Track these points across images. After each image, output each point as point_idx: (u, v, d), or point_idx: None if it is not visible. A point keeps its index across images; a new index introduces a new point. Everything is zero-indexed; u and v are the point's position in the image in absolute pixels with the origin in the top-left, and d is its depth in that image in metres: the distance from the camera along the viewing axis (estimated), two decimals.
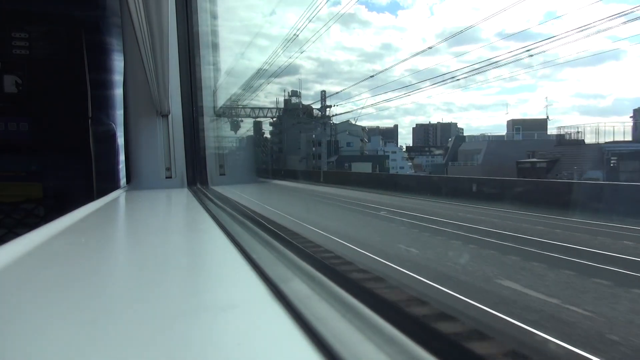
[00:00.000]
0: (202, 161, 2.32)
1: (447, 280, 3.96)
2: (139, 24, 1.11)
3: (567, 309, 3.32)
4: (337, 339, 0.40)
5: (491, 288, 3.86)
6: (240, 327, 0.44)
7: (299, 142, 48.20)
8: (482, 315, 2.96)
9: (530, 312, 3.21)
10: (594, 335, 2.85)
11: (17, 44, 2.12)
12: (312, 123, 43.81)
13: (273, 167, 41.99)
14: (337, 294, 0.53)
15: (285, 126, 46.60)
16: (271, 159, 46.95)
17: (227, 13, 17.32)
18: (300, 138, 46.98)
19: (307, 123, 44.98)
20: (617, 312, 3.32)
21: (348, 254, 4.59)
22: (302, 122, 45.62)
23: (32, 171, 2.19)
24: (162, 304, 0.52)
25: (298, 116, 45.77)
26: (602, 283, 3.95)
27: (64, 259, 0.77)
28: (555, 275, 4.28)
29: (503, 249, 5.23)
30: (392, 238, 6.62)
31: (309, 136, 45.17)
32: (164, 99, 1.94)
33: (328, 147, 39.69)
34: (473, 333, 1.95)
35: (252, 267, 0.65)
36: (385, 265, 4.27)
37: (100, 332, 0.43)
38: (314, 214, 9.42)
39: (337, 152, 42.34)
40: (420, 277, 3.86)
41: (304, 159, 44.90)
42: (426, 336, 0.42)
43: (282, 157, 47.96)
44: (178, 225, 1.31)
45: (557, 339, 2.54)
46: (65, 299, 0.54)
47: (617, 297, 3.72)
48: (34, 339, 0.41)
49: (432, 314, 1.60)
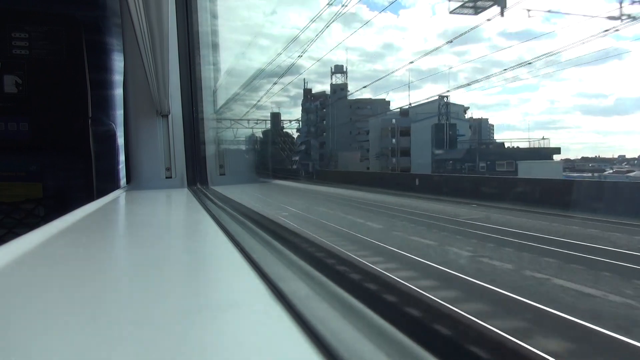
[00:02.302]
0: (202, 161, 2.32)
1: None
2: (139, 24, 1.10)
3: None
4: (337, 339, 0.39)
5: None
6: (240, 327, 0.44)
7: (352, 135, 36.48)
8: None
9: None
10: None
11: (17, 44, 2.11)
12: (390, 111, 30.28)
13: (315, 168, 32.49)
14: (337, 294, 0.53)
15: (332, 112, 34.28)
16: (306, 156, 37.17)
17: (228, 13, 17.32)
18: (371, 125, 34.52)
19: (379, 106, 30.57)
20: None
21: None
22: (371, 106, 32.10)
23: (32, 171, 2.19)
24: (162, 304, 0.52)
25: (345, 98, 33.83)
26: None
27: (64, 259, 0.77)
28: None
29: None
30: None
31: (386, 122, 32.13)
32: (164, 99, 1.94)
33: (437, 135, 25.95)
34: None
35: (252, 267, 0.65)
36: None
37: (100, 332, 0.43)
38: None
39: (453, 145, 27.66)
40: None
41: (382, 156, 31.42)
42: (426, 336, 0.41)
43: (327, 154, 36.62)
44: (178, 225, 1.31)
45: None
46: (65, 299, 0.54)
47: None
48: (34, 339, 0.41)
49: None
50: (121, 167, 2.29)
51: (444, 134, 27.00)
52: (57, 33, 2.16)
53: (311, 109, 40.80)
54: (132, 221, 1.39)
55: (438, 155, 26.84)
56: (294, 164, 37.19)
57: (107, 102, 2.31)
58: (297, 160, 38.25)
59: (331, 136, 37.43)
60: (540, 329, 3.45)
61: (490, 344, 0.40)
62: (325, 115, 38.16)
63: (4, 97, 2.12)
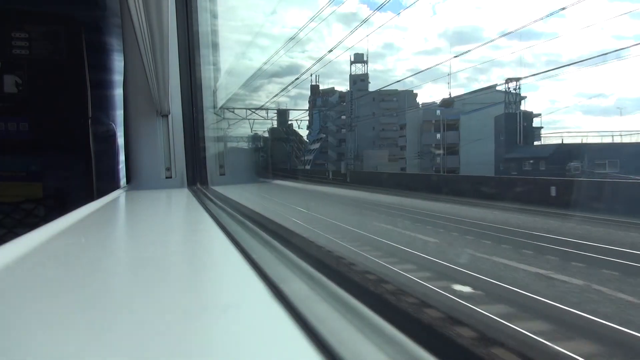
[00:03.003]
0: (202, 161, 2.32)
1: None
2: (139, 24, 1.10)
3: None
4: (337, 339, 0.39)
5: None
6: (240, 327, 0.44)
7: (375, 131, 30.97)
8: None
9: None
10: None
11: (17, 44, 2.12)
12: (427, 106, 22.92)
13: (348, 168, 27.46)
14: (337, 294, 0.53)
15: (353, 107, 28.86)
16: (321, 155, 32.92)
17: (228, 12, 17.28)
18: (408, 119, 27.98)
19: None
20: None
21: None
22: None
23: (32, 171, 2.19)
24: (162, 304, 0.52)
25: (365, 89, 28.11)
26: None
27: (64, 259, 0.77)
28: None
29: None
30: None
31: (428, 114, 25.60)
32: (164, 99, 1.94)
33: (507, 127, 18.72)
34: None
35: (252, 267, 0.65)
36: None
37: (100, 332, 0.43)
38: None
39: (529, 139, 21.26)
40: None
41: (427, 154, 25.47)
42: (426, 336, 0.42)
43: (350, 152, 30.61)
44: (178, 225, 1.31)
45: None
46: (65, 299, 0.54)
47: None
48: (34, 339, 0.41)
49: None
50: (121, 167, 2.29)
51: (517, 127, 20.42)
52: (57, 33, 2.17)
53: (327, 103, 35.30)
54: (132, 221, 1.39)
55: (511, 152, 19.78)
56: (306, 163, 33.86)
57: (107, 102, 2.31)
58: (312, 160, 35.12)
59: (353, 134, 31.73)
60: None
61: (490, 344, 0.41)
62: (345, 110, 32.35)
63: (4, 97, 2.12)
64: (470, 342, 1.22)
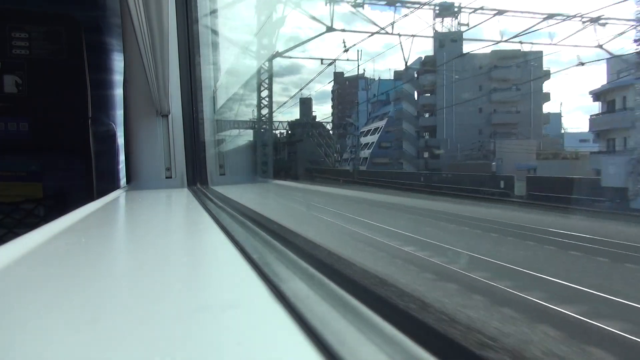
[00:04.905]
0: (202, 161, 2.32)
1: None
2: (139, 24, 1.10)
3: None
4: (337, 339, 0.39)
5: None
6: (240, 327, 0.44)
7: (483, 114, 19.80)
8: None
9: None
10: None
11: (17, 44, 2.12)
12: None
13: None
14: (337, 294, 0.53)
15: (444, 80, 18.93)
16: (383, 152, 23.37)
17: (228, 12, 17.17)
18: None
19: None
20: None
21: None
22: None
23: (32, 171, 2.19)
24: (162, 304, 0.52)
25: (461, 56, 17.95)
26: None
27: (64, 259, 0.77)
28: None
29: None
30: None
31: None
32: (164, 99, 1.94)
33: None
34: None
35: (252, 267, 0.65)
36: None
37: (100, 332, 0.43)
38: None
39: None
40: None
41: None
42: (426, 336, 0.41)
43: (457, 146, 20.16)
44: (178, 225, 1.31)
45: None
46: (65, 299, 0.54)
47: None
48: (34, 339, 0.41)
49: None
50: (121, 167, 2.29)
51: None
52: (57, 33, 2.17)
53: (405, 74, 23.38)
54: (132, 221, 1.39)
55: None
56: (355, 162, 26.40)
57: (107, 102, 2.32)
58: (368, 159, 27.36)
59: (446, 117, 21.67)
60: None
61: (490, 344, 0.40)
62: (433, 85, 21.57)
63: (4, 97, 2.12)
64: (471, 342, 1.22)
